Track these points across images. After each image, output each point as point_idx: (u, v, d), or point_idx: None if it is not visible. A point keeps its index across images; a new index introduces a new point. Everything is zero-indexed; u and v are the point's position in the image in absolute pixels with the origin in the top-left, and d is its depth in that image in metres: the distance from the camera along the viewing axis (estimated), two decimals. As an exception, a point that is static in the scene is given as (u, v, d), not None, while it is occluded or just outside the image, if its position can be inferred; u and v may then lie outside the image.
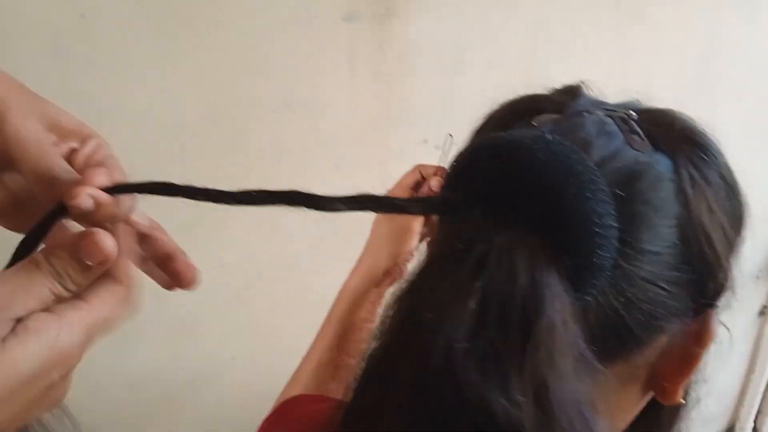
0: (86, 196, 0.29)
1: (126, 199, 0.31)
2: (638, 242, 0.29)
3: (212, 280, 1.02)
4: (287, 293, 1.08)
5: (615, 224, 0.28)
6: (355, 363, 0.67)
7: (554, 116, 0.33)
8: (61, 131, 0.32)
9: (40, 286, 0.27)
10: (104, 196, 0.29)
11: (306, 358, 0.69)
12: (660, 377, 0.34)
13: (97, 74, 0.84)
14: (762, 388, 1.76)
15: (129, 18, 0.83)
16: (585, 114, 0.32)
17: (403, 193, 0.68)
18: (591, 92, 0.36)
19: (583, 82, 0.36)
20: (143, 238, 0.35)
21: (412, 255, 0.66)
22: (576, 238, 0.27)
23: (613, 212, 0.28)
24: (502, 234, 0.27)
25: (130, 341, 1.04)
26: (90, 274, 0.28)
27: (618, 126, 0.32)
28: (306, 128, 0.96)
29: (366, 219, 0.89)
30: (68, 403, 0.29)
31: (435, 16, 0.96)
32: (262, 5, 0.88)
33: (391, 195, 0.67)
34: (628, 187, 0.29)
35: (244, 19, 0.87)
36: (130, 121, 0.88)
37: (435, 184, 0.66)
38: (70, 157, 0.32)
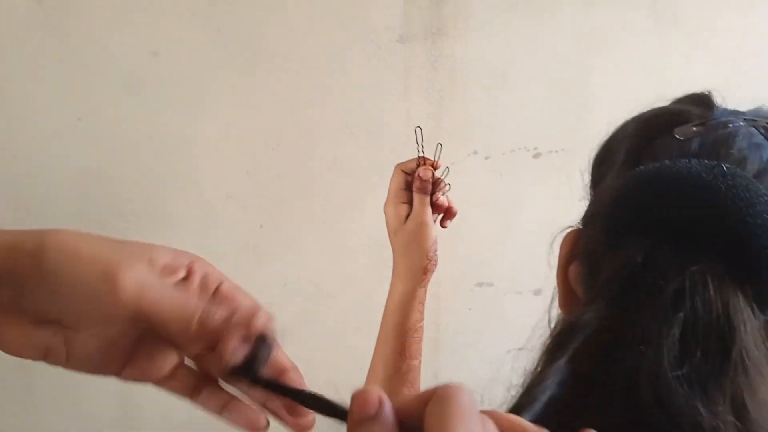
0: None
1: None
2: None
3: (276, 299, 1.05)
4: (349, 309, 1.11)
5: None
6: (418, 363, 0.68)
7: (695, 128, 0.35)
8: (165, 268, 0.30)
9: None
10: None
11: (372, 373, 0.69)
12: None
13: (170, 108, 0.88)
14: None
15: (198, 54, 0.87)
16: (729, 125, 0.34)
17: (400, 198, 0.67)
18: (719, 100, 0.38)
19: (710, 91, 0.38)
20: None
21: (436, 243, 0.66)
22: (758, 263, 0.29)
23: None
24: (692, 266, 0.29)
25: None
26: None
27: (764, 136, 0.33)
28: (365, 148, 0.99)
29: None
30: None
31: (481, 33, 0.99)
32: (320, 33, 0.91)
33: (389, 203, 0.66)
34: None
35: (303, 48, 0.91)
36: (200, 149, 0.91)
37: (423, 173, 0.65)
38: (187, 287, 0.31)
